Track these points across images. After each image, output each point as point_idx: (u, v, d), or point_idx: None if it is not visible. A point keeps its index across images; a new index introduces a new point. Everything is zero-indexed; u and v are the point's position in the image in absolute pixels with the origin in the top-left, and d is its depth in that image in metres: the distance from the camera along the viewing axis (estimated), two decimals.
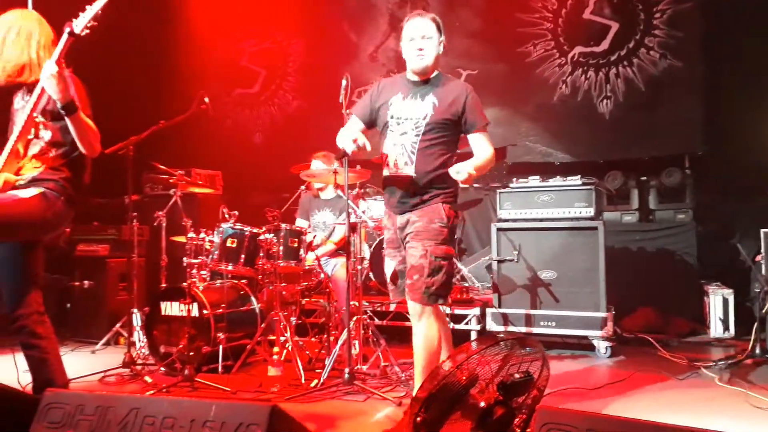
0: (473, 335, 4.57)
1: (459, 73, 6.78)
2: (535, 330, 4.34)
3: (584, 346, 4.36)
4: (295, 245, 4.05)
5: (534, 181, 4.66)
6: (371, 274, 5.09)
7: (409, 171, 2.76)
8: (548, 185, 4.57)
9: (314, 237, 4.45)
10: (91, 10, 2.42)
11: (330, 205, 4.81)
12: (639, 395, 3.33)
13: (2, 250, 2.48)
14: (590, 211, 4.37)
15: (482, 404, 2.02)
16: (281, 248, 3.97)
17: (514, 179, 4.77)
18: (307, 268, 4.19)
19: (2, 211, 2.33)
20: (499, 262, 4.54)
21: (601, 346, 4.25)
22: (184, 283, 3.85)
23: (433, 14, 2.90)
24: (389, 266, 2.96)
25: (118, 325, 4.63)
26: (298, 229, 4.18)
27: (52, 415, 1.65)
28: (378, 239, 5.26)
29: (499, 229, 4.60)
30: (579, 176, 4.52)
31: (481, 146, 2.84)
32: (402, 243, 2.85)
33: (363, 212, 4.98)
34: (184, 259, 3.94)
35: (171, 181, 4.19)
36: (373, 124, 2.96)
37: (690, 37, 5.73)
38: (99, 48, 2.72)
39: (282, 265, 3.98)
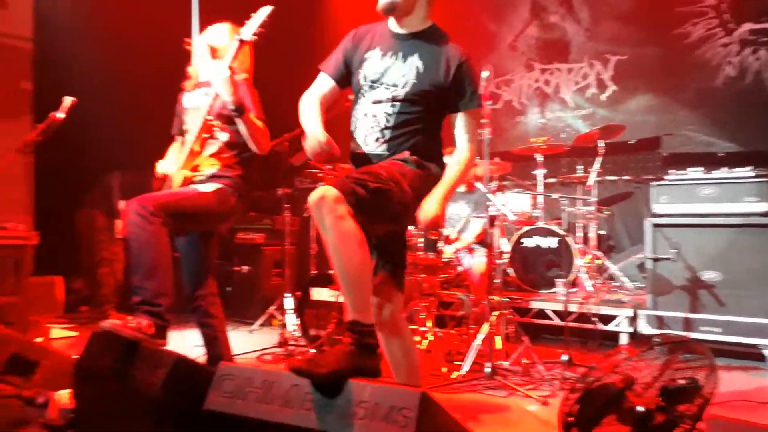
0: (623, 338, 4.31)
1: (607, 59, 6.41)
2: (695, 335, 3.98)
3: (752, 355, 3.93)
4: (434, 237, 4.08)
5: (695, 172, 4.26)
6: (510, 270, 5.00)
7: (381, 150, 2.20)
8: (712, 177, 4.16)
9: (452, 229, 4.45)
10: (258, 18, 2.63)
11: (464, 197, 4.77)
12: None
13: (186, 239, 2.78)
14: (763, 206, 3.91)
15: (640, 409, 1.89)
16: (421, 240, 4.02)
17: (670, 171, 4.40)
18: (445, 260, 4.20)
19: (188, 204, 2.58)
20: (654, 260, 4.22)
21: None
22: (332, 271, 4.03)
23: None
24: None
25: (272, 307, 4.97)
26: None
27: (225, 386, 1.82)
28: (517, 234, 5.15)
29: (654, 225, 4.27)
30: (750, 167, 4.06)
31: (461, 138, 2.23)
32: None
33: (503, 205, 4.90)
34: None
35: (319, 175, 4.42)
36: (347, 84, 2.34)
37: None
38: (254, 49, 2.95)
39: (422, 256, 4.03)
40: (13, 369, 2.54)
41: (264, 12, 2.63)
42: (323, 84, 2.34)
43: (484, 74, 3.53)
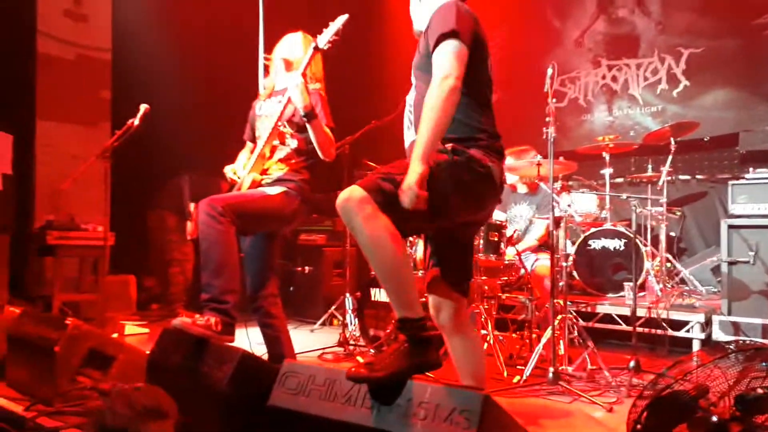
0: (696, 344, 4.11)
1: (680, 53, 6.13)
2: None
3: None
4: (495, 239, 4.02)
5: None
6: (575, 273, 4.87)
7: (411, 135, 2.03)
8: None
9: (514, 231, 4.37)
10: (334, 26, 2.72)
11: (527, 198, 4.67)
12: None
13: (251, 240, 2.86)
14: None
15: (714, 419, 1.80)
16: (481, 241, 3.97)
17: (750, 169, 4.17)
18: (507, 262, 4.13)
19: (255, 205, 2.67)
20: (731, 263, 4.00)
21: None
22: None
23: None
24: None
25: (332, 307, 5.05)
26: (498, 222, 4.13)
27: (289, 383, 1.86)
28: (582, 236, 5.00)
29: (730, 227, 4.05)
30: None
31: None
32: None
33: (568, 206, 4.78)
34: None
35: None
36: None
37: None
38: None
39: (482, 258, 3.98)
40: (92, 363, 2.68)
41: (340, 21, 2.72)
42: None
43: (549, 71, 3.46)
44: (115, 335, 4.45)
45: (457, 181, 1.88)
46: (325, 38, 2.71)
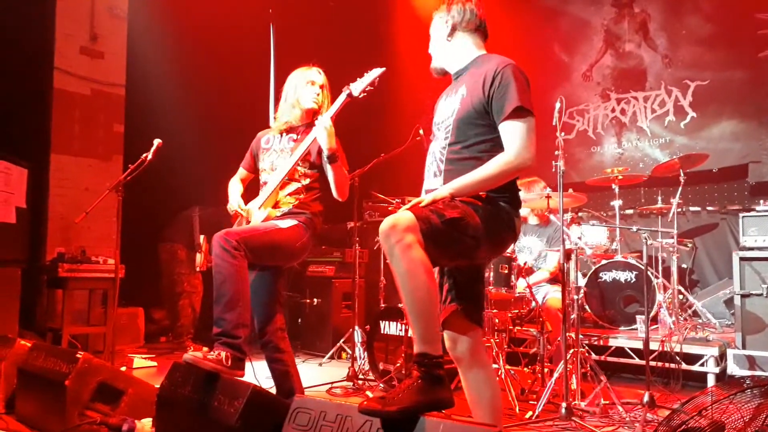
0: (710, 378, 4.04)
1: (687, 85, 6.19)
2: None
3: None
4: (506, 271, 4.00)
5: None
6: (586, 305, 4.83)
7: (438, 183, 2.08)
8: None
9: (524, 263, 4.35)
10: (369, 77, 2.76)
11: (537, 230, 4.67)
12: None
13: (258, 274, 2.83)
14: None
15: None
16: (492, 274, 3.96)
17: (761, 201, 4.15)
18: (517, 295, 4.11)
19: (267, 238, 2.66)
20: (743, 296, 3.96)
21: None
22: (401, 304, 4.04)
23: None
24: None
25: (341, 341, 5.01)
26: (508, 255, 4.12)
27: (300, 419, 1.84)
28: (594, 268, 4.97)
29: (742, 259, 4.02)
30: None
31: (504, 144, 1.99)
32: None
33: (579, 238, 4.76)
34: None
35: (389, 209, 4.47)
36: None
37: None
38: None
39: (493, 291, 3.96)
40: (101, 397, 2.67)
41: (376, 72, 2.76)
42: None
43: (557, 104, 3.50)
44: (123, 368, 4.44)
45: (489, 228, 1.99)
46: (359, 87, 2.74)
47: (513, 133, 1.98)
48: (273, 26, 7.46)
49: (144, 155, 3.81)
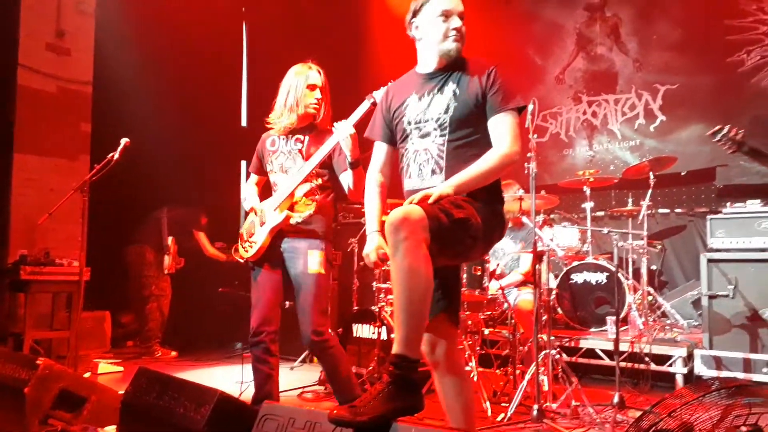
0: (679, 379, 4.10)
1: (656, 89, 6.29)
2: (756, 377, 3.75)
3: None
4: (479, 273, 4.00)
5: (754, 205, 4.08)
6: (558, 307, 4.86)
7: (438, 179, 2.09)
8: None
9: (497, 265, 4.36)
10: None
11: (511, 233, 4.68)
12: None
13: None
14: None
15: None
16: (465, 276, 3.95)
17: (728, 203, 4.23)
18: (490, 297, 4.11)
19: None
20: (711, 297, 4.03)
21: None
22: (374, 307, 4.01)
23: None
24: None
25: None
26: None
27: (268, 426, 1.80)
28: (565, 269, 5.01)
29: (710, 261, 4.09)
30: None
31: (494, 139, 2.08)
32: None
33: (551, 240, 4.79)
34: (374, 283, 4.10)
35: (363, 209, 4.43)
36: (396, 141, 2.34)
37: None
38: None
39: (466, 293, 3.95)
40: (63, 404, 2.59)
41: None
42: (379, 151, 2.35)
43: (530, 107, 3.51)
44: (87, 374, 4.32)
45: (486, 228, 2.03)
46: (381, 94, 2.74)
47: (505, 127, 2.07)
48: (246, 24, 7.38)
49: (111, 155, 3.71)
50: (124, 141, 3.73)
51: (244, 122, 7.41)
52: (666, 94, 6.23)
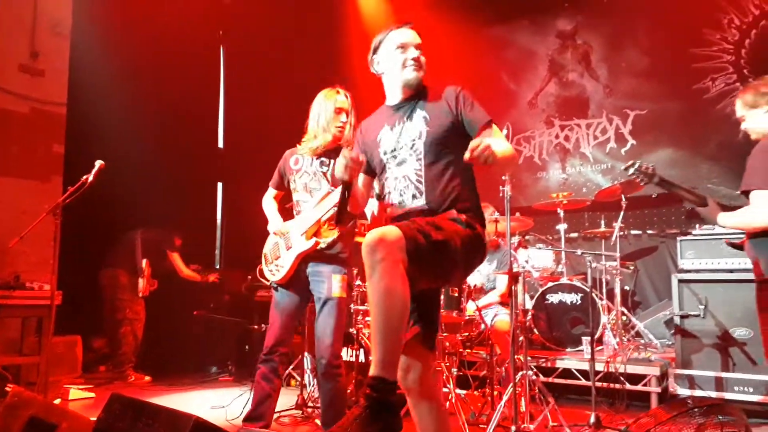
0: (653, 398, 4.15)
1: (626, 114, 6.46)
2: (728, 395, 3.83)
3: None
4: (456, 294, 4.02)
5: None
6: (534, 328, 4.90)
7: (419, 203, 2.17)
8: (739, 231, 4.08)
9: (473, 286, 4.39)
10: None
11: (486, 255, 4.72)
12: None
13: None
14: None
15: None
16: (442, 297, 3.96)
17: (697, 225, 4.34)
18: (467, 318, 4.13)
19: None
20: (682, 317, 4.10)
21: None
22: (352, 329, 3.99)
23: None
24: None
25: (290, 367, 4.90)
26: None
27: None
28: (540, 290, 5.07)
29: (680, 281, 4.18)
30: None
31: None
32: None
33: (526, 261, 4.85)
34: (351, 305, 4.09)
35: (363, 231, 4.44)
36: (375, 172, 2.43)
37: None
38: None
39: (444, 314, 3.97)
40: None
41: None
42: (360, 180, 2.40)
43: (504, 131, 3.56)
44: (58, 400, 4.21)
45: (467, 251, 2.05)
46: None
47: (499, 134, 2.20)
48: (223, 47, 7.41)
49: (85, 177, 3.67)
50: (98, 163, 3.70)
51: (220, 144, 7.40)
52: (636, 119, 6.41)
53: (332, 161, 3.05)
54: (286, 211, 3.25)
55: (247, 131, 6.62)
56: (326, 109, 3.08)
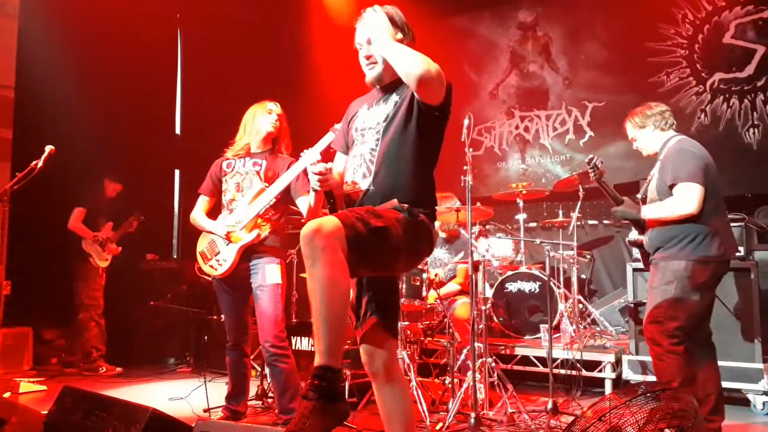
0: (608, 384, 4.27)
1: (585, 106, 6.58)
2: None
3: (737, 400, 3.91)
4: (418, 283, 4.05)
5: None
6: (494, 316, 4.97)
7: (367, 184, 2.14)
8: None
9: (435, 275, 4.42)
10: None
11: (447, 244, 4.76)
12: None
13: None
14: (740, 251, 3.96)
15: None
16: (404, 286, 3.98)
17: None
18: (428, 306, 4.16)
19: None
20: (636, 305, 4.22)
21: (758, 401, 3.79)
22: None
23: (380, 9, 2.26)
24: None
25: (250, 357, 4.84)
26: (420, 267, 4.17)
27: None
28: (500, 279, 5.14)
29: (635, 270, 4.30)
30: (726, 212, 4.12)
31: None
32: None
33: (486, 250, 4.91)
34: (293, 294, 4.08)
35: (302, 221, 4.39)
36: None
37: None
38: None
39: (405, 303, 3.98)
40: None
41: None
42: (339, 161, 2.42)
43: (465, 121, 3.59)
44: (7, 394, 4.07)
45: (410, 239, 2.02)
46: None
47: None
48: (180, 31, 7.21)
49: (34, 162, 3.53)
50: (48, 148, 3.56)
51: (178, 130, 7.22)
52: (594, 111, 6.53)
53: (264, 161, 3.30)
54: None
55: (206, 117, 6.45)
56: (255, 114, 3.35)
